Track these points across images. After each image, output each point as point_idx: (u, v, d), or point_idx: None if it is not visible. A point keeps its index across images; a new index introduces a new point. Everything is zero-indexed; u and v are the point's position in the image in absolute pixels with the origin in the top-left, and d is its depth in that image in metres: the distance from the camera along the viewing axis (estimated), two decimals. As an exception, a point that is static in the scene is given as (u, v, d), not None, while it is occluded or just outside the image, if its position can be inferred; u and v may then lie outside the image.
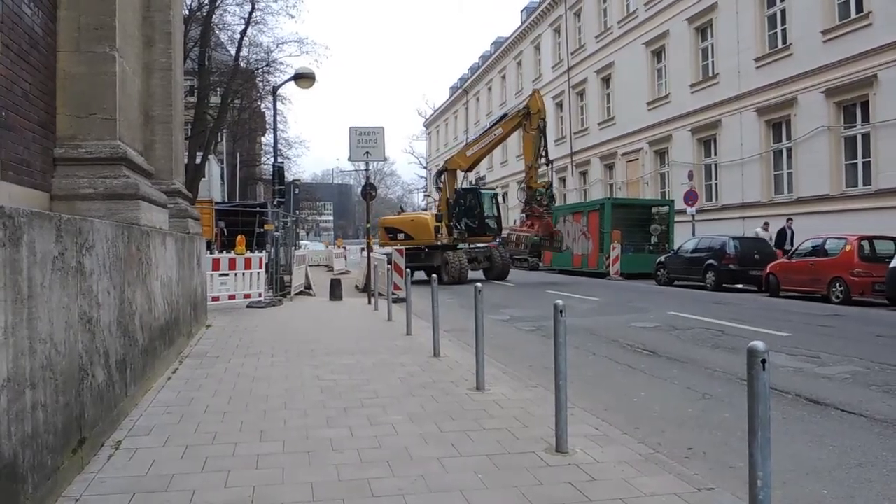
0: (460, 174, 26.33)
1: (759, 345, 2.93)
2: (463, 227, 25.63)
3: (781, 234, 21.93)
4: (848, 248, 16.18)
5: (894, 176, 19.85)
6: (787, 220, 22.18)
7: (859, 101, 21.62)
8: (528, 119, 23.57)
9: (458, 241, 25.62)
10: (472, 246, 26.29)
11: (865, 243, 16.32)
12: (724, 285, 20.31)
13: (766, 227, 22.95)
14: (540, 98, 23.80)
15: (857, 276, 15.63)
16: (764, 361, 2.89)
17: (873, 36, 20.60)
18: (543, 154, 23.69)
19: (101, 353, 4.82)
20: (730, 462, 4.81)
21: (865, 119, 21.29)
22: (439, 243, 24.95)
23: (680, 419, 6.08)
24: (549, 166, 24.46)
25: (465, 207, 26.02)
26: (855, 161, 21.88)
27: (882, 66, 20.29)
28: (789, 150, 24.55)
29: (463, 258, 24.33)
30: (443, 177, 26.21)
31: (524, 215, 24.98)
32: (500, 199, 28.04)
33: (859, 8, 21.45)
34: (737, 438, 5.20)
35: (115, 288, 5.27)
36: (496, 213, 26.94)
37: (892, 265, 14.53)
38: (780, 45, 24.94)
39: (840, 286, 15.94)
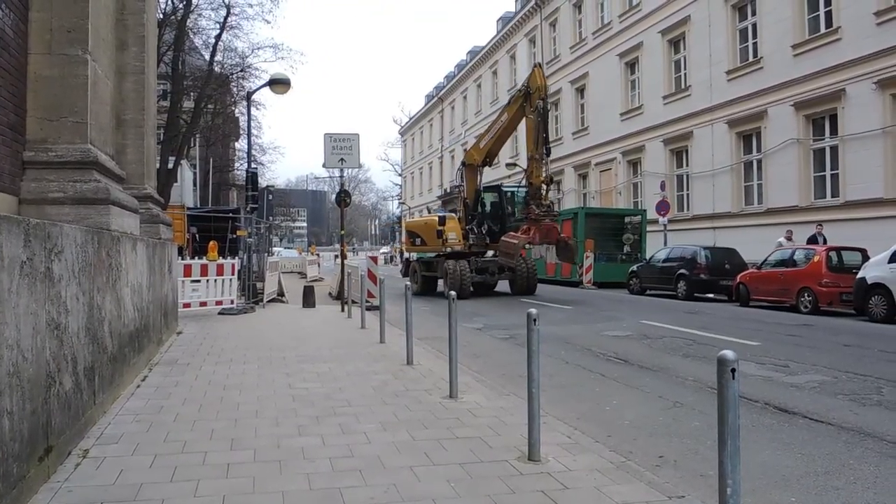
0: (489, 172, 23.49)
1: (728, 354, 2.96)
2: (484, 233, 22.36)
3: (812, 242, 19.11)
4: (816, 258, 16.45)
5: (861, 188, 20.21)
6: (818, 227, 20.07)
7: (828, 115, 21.99)
8: (528, 100, 19.99)
9: (477, 249, 22.16)
10: (488, 254, 22.48)
11: (833, 254, 16.61)
12: (695, 294, 20.54)
13: (789, 235, 20.79)
14: (540, 73, 19.97)
15: (825, 287, 15.87)
16: (734, 370, 2.93)
17: (842, 51, 20.99)
18: (545, 141, 19.61)
19: (68, 360, 4.75)
20: (700, 470, 4.85)
21: (834, 132, 21.65)
22: (446, 250, 21.74)
23: (651, 427, 6.13)
24: (548, 157, 19.96)
25: (487, 209, 22.99)
26: (823, 173, 22.23)
27: (850, 81, 20.66)
28: (759, 161, 24.88)
29: (465, 269, 20.63)
30: (461, 173, 23.30)
31: (522, 218, 21.12)
32: None
33: (829, 23, 21.84)
34: (707, 447, 5.25)
35: (84, 294, 5.20)
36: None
37: (859, 276, 14.79)
38: (751, 59, 25.30)
39: (809, 296, 16.18)
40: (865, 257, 15.91)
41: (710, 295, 20.75)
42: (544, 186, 19.68)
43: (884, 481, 4.65)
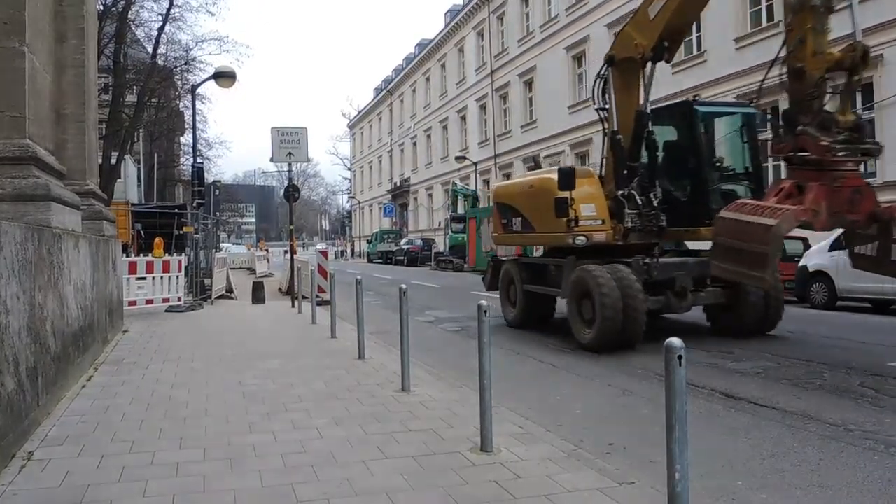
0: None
1: (675, 341, 3.02)
2: (655, 204, 10.59)
3: None
4: (759, 248, 16.80)
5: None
6: None
7: (769, 108, 22.50)
8: None
9: (642, 239, 10.74)
10: (670, 251, 11.59)
11: (775, 243, 16.99)
12: (643, 285, 20.84)
13: None
14: None
15: (767, 275, 16.24)
16: (680, 357, 2.98)
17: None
18: None
19: (10, 361, 4.62)
20: (650, 456, 4.94)
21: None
22: (578, 242, 10.55)
23: (601, 416, 6.22)
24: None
25: (660, 153, 11.45)
26: (766, 164, 22.75)
27: (790, 74, 21.16)
28: (704, 153, 25.32)
29: (629, 282, 9.60)
30: (605, 82, 12.05)
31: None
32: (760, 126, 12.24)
33: (770, 17, 22.33)
34: (656, 433, 5.32)
35: (25, 293, 5.06)
36: (751, 167, 11.38)
37: (801, 264, 15.21)
38: (695, 52, 25.74)
39: (752, 285, 16.54)
40: (807, 246, 16.34)
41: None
42: (831, 80, 9.03)
43: (827, 463, 4.80)
